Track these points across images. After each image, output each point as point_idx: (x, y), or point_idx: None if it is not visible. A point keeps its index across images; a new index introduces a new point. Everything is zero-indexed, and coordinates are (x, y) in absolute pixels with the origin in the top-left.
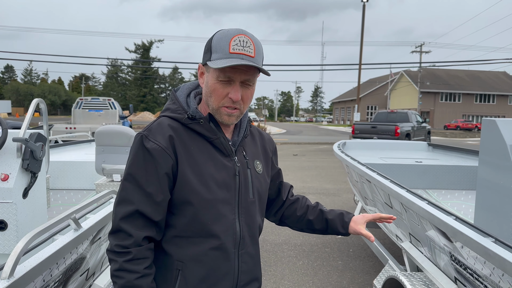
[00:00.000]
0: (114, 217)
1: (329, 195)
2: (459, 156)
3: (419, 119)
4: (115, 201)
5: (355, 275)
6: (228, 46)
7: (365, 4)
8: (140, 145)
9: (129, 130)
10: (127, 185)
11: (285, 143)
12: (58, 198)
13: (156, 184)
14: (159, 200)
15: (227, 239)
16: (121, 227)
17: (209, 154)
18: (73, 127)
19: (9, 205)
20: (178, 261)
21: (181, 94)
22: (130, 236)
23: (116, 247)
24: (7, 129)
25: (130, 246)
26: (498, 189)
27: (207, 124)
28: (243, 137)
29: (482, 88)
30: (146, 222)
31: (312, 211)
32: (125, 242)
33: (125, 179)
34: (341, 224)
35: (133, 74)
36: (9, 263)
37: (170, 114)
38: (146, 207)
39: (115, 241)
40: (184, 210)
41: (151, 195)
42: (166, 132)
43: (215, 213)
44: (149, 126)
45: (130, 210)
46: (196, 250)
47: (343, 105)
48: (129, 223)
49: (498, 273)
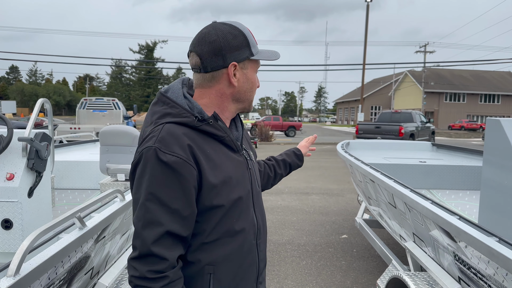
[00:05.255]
0: (141, 242)
1: (332, 195)
2: (463, 156)
3: (423, 119)
4: (139, 224)
5: (359, 275)
6: (254, 39)
7: (368, 4)
8: (156, 159)
9: (133, 130)
10: (150, 206)
11: (289, 143)
12: (62, 197)
13: (181, 199)
14: (186, 215)
15: (250, 233)
16: (152, 251)
17: (223, 153)
18: (77, 127)
19: (15, 204)
20: (208, 266)
21: (176, 96)
22: (164, 259)
23: (149, 273)
24: (13, 129)
25: (165, 270)
26: (502, 189)
27: (215, 124)
28: (243, 131)
29: (486, 88)
30: (176, 240)
31: (277, 165)
32: (159, 266)
33: (146, 200)
34: (297, 159)
35: (137, 74)
36: (15, 261)
37: (175, 120)
38: (174, 225)
39: (146, 267)
40: (210, 216)
41: (178, 211)
42: (183, 141)
43: (240, 211)
44: (157, 137)
45: (161, 232)
46: (225, 250)
47: (347, 105)
48: (161, 245)
49: (502, 272)
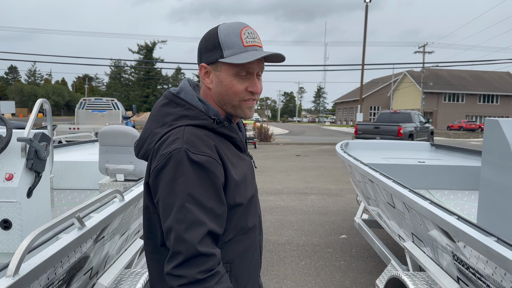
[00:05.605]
0: (187, 245)
1: (332, 196)
2: (462, 156)
3: (422, 120)
4: (182, 227)
5: (358, 275)
6: (240, 40)
7: (367, 4)
8: (188, 160)
9: (132, 130)
10: (189, 207)
11: (288, 143)
12: (61, 197)
13: (215, 197)
14: (221, 212)
15: (256, 229)
16: (200, 251)
17: (236, 153)
18: (76, 128)
19: (14, 204)
20: (226, 264)
21: (191, 98)
22: (212, 255)
23: (200, 274)
24: (12, 129)
25: (214, 266)
26: (501, 189)
27: (230, 125)
28: (245, 132)
29: (485, 88)
30: (214, 238)
31: None
32: (208, 264)
33: (185, 201)
34: None
35: (136, 74)
36: (14, 261)
37: (194, 122)
38: (212, 223)
39: (195, 270)
40: (232, 214)
41: (213, 210)
42: (209, 141)
43: (253, 209)
44: (182, 139)
45: (204, 231)
46: (241, 247)
47: (346, 106)
48: (207, 244)
49: (500, 272)
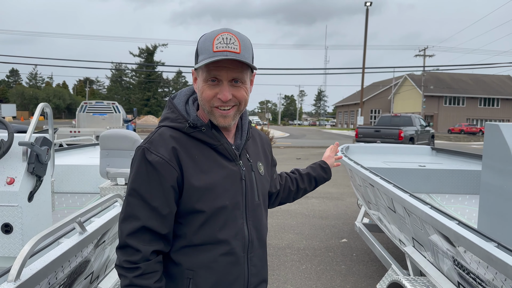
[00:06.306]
0: (120, 233)
1: (332, 199)
2: (463, 160)
3: (423, 123)
4: (120, 217)
5: (358, 279)
6: (212, 46)
7: (368, 8)
8: (142, 158)
9: (133, 134)
10: (131, 201)
11: (289, 146)
12: (62, 201)
13: (161, 198)
14: (165, 214)
15: (236, 244)
16: (128, 243)
17: (214, 161)
18: (77, 131)
19: (15, 208)
20: (188, 270)
21: (179, 101)
22: (138, 251)
23: (125, 263)
24: (13, 133)
25: (138, 261)
26: (501, 194)
27: (209, 131)
28: (246, 140)
29: (486, 92)
30: (154, 236)
31: (300, 179)
32: (133, 257)
33: (129, 194)
34: (323, 172)
35: (137, 78)
36: (15, 266)
37: (170, 124)
38: (152, 222)
39: (123, 257)
40: (192, 219)
41: (157, 209)
42: (169, 143)
43: (224, 219)
44: (150, 138)
45: (137, 226)
46: (206, 257)
47: (346, 109)
48: (136, 238)
49: (501, 277)
